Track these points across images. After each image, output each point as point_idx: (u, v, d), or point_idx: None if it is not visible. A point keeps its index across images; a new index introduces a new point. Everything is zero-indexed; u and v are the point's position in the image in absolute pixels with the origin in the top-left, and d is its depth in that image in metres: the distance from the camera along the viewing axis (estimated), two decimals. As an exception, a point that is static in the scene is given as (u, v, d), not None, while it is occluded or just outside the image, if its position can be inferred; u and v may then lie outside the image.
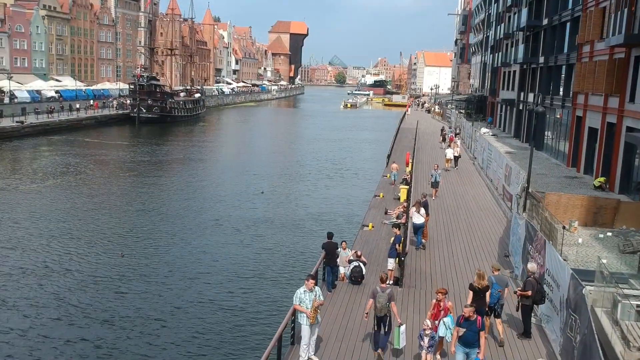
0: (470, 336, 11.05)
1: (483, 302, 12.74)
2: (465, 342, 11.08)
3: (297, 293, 12.08)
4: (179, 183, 42.48)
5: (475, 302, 12.41)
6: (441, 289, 12.50)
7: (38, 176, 42.20)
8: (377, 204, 27.95)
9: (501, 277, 13.67)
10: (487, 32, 76.74)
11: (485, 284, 12.85)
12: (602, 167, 32.23)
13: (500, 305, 13.24)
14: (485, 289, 12.81)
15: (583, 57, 36.28)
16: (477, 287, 12.71)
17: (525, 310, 13.04)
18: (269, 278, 22.78)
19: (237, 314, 19.21)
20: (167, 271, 23.08)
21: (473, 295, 12.77)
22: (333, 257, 15.87)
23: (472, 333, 11.04)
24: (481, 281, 12.75)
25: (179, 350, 16.56)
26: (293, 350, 12.42)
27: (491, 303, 13.04)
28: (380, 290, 12.29)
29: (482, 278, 12.79)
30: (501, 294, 13.19)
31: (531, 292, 12.81)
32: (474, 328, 11.04)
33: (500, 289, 13.19)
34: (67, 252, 24.90)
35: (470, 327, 11.04)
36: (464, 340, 11.07)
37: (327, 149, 65.32)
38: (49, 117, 69.97)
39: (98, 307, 19.21)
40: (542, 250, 14.61)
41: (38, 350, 16.13)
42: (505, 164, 27.00)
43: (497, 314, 13.23)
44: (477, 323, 11.07)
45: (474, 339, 11.07)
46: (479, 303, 12.48)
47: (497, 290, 13.11)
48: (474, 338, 11.07)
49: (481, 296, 12.74)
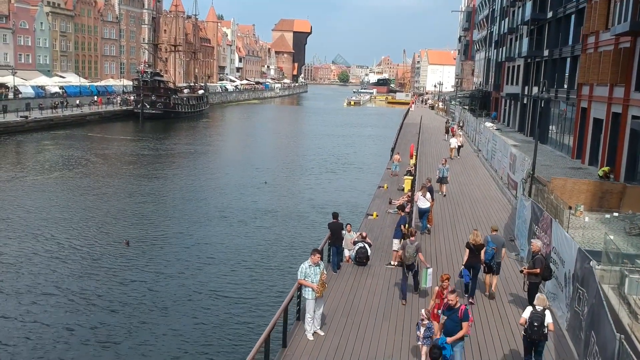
0: (451, 325, 10.23)
1: (478, 258, 14.04)
2: (446, 331, 10.31)
3: (301, 268, 11.98)
4: (183, 175, 42.52)
5: (471, 258, 13.93)
6: (445, 275, 11.73)
7: (43, 168, 42.29)
8: (381, 194, 27.96)
9: (497, 236, 14.68)
10: (491, 28, 76.60)
11: (480, 241, 14.06)
12: (607, 158, 32.14)
13: (497, 263, 14.23)
14: (480, 246, 14.02)
15: (588, 48, 36.16)
16: (472, 244, 13.97)
17: (533, 287, 12.86)
18: (272, 267, 22.69)
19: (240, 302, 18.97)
20: (172, 260, 23.01)
21: (469, 253, 14.01)
22: (338, 237, 15.86)
23: (452, 322, 10.23)
24: (476, 239, 14.04)
25: (181, 335, 16.40)
26: (299, 326, 12.41)
27: (486, 259, 14.14)
28: (410, 243, 14.17)
29: (477, 236, 14.10)
30: (496, 252, 14.18)
31: (540, 270, 12.63)
32: (455, 317, 10.21)
33: (494, 246, 14.21)
34: (72, 241, 24.94)
35: (452, 316, 10.26)
36: (444, 330, 10.37)
37: (331, 144, 65.30)
38: (53, 112, 70.08)
39: (101, 294, 19.11)
40: (548, 229, 14.57)
41: (39, 336, 16.03)
42: (510, 153, 26.95)
43: (492, 271, 14.26)
44: (459, 312, 10.20)
45: (455, 329, 10.17)
46: (474, 259, 13.95)
47: (492, 247, 14.17)
48: (455, 328, 10.17)
49: (476, 253, 14.02)
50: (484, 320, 13.04)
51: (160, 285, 20.19)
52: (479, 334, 12.29)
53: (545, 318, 10.21)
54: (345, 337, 12.01)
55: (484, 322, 12.93)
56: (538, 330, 10.13)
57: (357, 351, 11.44)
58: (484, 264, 14.17)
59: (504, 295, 14.57)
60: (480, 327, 12.60)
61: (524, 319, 10.39)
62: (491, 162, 34.18)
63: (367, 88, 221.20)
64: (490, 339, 12.14)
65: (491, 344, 11.90)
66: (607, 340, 8.37)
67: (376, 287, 14.90)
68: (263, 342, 9.83)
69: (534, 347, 10.41)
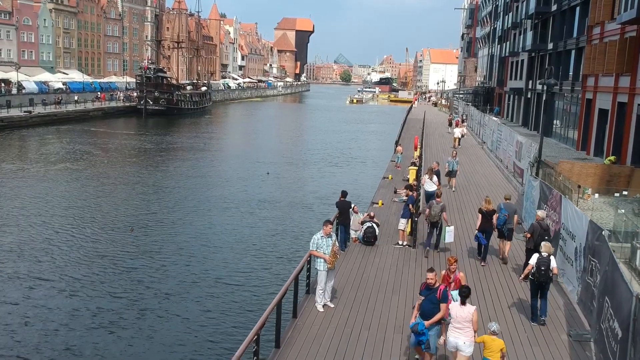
0: (428, 307, 9.41)
1: (490, 223, 15.01)
2: (422, 312, 9.48)
3: (313, 239, 11.91)
4: (187, 167, 42.51)
5: (483, 223, 14.92)
6: (453, 257, 11.11)
7: (47, 160, 42.32)
8: (386, 184, 27.96)
9: (509, 204, 15.70)
10: (495, 24, 76.53)
11: (492, 207, 15.09)
12: (612, 148, 32.07)
13: (508, 229, 15.03)
14: (492, 212, 15.00)
15: (593, 39, 36.08)
16: (485, 210, 14.99)
17: (528, 252, 13.44)
18: (276, 254, 22.54)
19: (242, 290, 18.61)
20: (176, 247, 22.86)
21: (481, 218, 15.00)
22: (347, 215, 15.80)
23: (429, 304, 9.41)
24: (488, 205, 15.04)
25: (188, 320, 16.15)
26: (309, 298, 12.37)
27: (498, 225, 15.06)
28: (436, 203, 15.64)
29: (489, 203, 15.16)
30: (508, 218, 15.01)
31: (531, 235, 13.23)
32: (433, 298, 9.40)
33: (507, 213, 15.09)
34: (76, 229, 24.91)
35: (429, 297, 9.44)
36: (421, 311, 9.50)
37: (335, 139, 65.25)
38: (57, 107, 70.17)
39: (105, 280, 18.90)
40: (557, 207, 14.52)
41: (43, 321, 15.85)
42: (516, 140, 26.89)
43: (505, 236, 15.15)
44: (438, 293, 9.40)
45: (432, 311, 9.39)
46: (486, 224, 14.94)
47: (504, 214, 15.07)
48: (432, 310, 9.38)
49: (488, 218, 14.93)
50: (496, 281, 14.10)
51: (164, 271, 20.03)
52: (492, 292, 13.36)
53: (550, 263, 11.23)
54: (355, 310, 11.98)
55: (496, 282, 13.99)
56: (545, 273, 11.18)
57: (368, 322, 11.40)
58: (497, 229, 15.12)
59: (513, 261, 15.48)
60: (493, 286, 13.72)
61: (531, 265, 11.42)
62: (496, 153, 34.13)
63: (370, 87, 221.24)
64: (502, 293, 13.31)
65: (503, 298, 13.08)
66: (623, 300, 8.32)
67: (384, 265, 14.87)
68: (274, 308, 9.78)
69: (540, 289, 11.42)
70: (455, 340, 9.07)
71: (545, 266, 11.16)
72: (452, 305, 9.24)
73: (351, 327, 11.19)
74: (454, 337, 9.09)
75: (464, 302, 9.12)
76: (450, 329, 9.20)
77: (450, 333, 9.18)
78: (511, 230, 15.03)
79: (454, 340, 9.07)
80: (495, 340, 8.75)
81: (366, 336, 10.80)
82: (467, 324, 8.97)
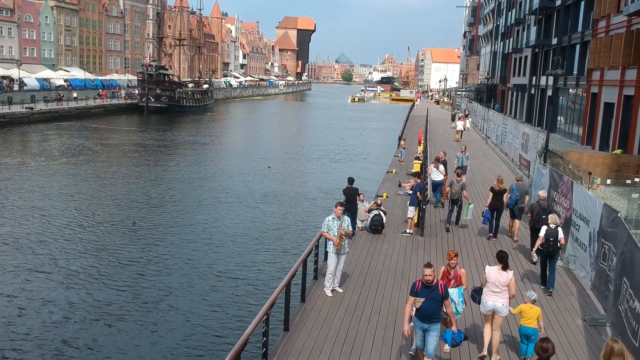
0: (430, 307, 8.39)
1: (500, 202, 15.58)
2: (423, 315, 8.44)
3: (325, 220, 11.75)
4: (189, 163, 42.30)
5: (494, 201, 15.50)
6: (453, 252, 9.96)
7: (49, 155, 42.10)
8: (390, 178, 27.72)
9: (521, 184, 16.38)
10: (498, 21, 76.29)
11: (504, 187, 15.64)
12: (618, 141, 31.84)
13: (519, 208, 15.57)
14: (503, 190, 15.56)
15: (599, 32, 35.87)
16: (496, 189, 15.57)
17: (530, 233, 14.18)
18: (279, 247, 22.27)
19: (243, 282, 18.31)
20: (177, 240, 22.58)
21: (492, 196, 15.56)
22: (353, 203, 15.56)
23: (432, 303, 8.39)
24: (500, 185, 15.63)
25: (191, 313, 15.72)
26: (317, 284, 12.14)
27: (510, 204, 15.55)
28: (456, 182, 16.80)
29: (501, 182, 15.78)
30: (519, 198, 15.50)
31: (531, 214, 13.84)
32: (435, 296, 8.37)
33: (518, 193, 15.59)
34: (77, 222, 24.69)
35: (431, 295, 8.37)
36: (422, 313, 8.45)
37: (337, 136, 64.99)
38: (58, 104, 69.96)
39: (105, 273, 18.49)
40: (568, 193, 14.28)
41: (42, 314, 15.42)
42: (522, 132, 26.64)
43: (515, 215, 15.76)
44: (439, 289, 8.42)
45: (435, 311, 8.46)
46: (497, 202, 15.53)
47: (516, 194, 15.53)
48: (435, 310, 8.45)
49: (499, 197, 15.49)
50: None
51: (167, 265, 19.57)
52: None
53: (558, 234, 11.91)
54: (364, 294, 11.75)
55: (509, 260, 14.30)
56: (554, 243, 11.85)
57: (378, 306, 11.17)
58: (508, 208, 15.71)
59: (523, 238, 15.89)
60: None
61: (541, 238, 12.04)
62: (501, 147, 33.90)
63: (372, 86, 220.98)
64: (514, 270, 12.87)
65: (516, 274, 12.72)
66: (644, 278, 8.09)
67: (392, 251, 14.64)
68: (283, 288, 9.55)
69: (549, 259, 12.08)
70: (493, 303, 9.29)
71: (554, 237, 11.80)
72: (492, 270, 9.41)
73: (361, 310, 10.95)
74: (492, 301, 9.29)
75: (505, 267, 9.34)
76: (487, 294, 9.39)
77: (488, 297, 9.36)
78: (522, 210, 15.64)
79: (492, 304, 9.29)
80: (533, 307, 9.22)
81: (376, 319, 10.57)
82: (505, 288, 9.27)
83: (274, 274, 18.61)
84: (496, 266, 9.40)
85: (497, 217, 15.88)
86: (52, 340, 13.87)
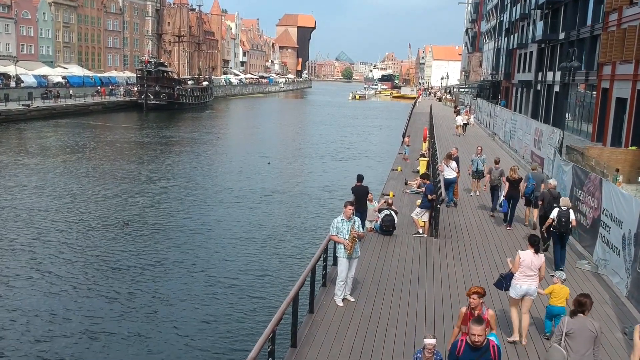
0: None
1: (517, 190, 15.82)
2: None
3: (333, 222, 10.62)
4: (187, 161, 41.32)
5: (510, 190, 15.78)
6: (476, 289, 7.64)
7: (45, 152, 41.06)
8: (396, 176, 26.73)
9: (536, 173, 16.54)
10: (501, 16, 75.13)
11: (519, 176, 15.87)
12: (631, 137, 30.77)
13: (535, 197, 15.48)
14: (519, 179, 15.77)
15: (610, 26, 34.77)
16: (512, 179, 15.84)
17: (540, 220, 14.25)
18: (283, 247, 21.28)
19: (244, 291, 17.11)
20: (173, 241, 21.51)
21: (509, 185, 15.84)
22: (363, 202, 14.49)
23: None
24: (514, 174, 15.85)
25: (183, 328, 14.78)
26: (326, 291, 11.09)
27: (526, 193, 15.77)
28: (495, 169, 17.39)
29: (515, 172, 15.99)
30: (535, 187, 15.53)
31: (542, 202, 14.01)
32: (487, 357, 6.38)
33: (534, 182, 15.68)
34: (70, 222, 23.64)
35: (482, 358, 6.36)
36: None
37: (339, 133, 64.00)
38: (55, 101, 68.91)
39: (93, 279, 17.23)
40: (596, 192, 13.22)
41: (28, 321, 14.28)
42: (534, 128, 25.58)
43: (532, 204, 15.96)
44: (493, 354, 6.38)
45: None
46: (513, 191, 15.81)
47: (532, 183, 15.67)
48: None
49: (515, 186, 15.74)
50: (523, 243, 13.91)
51: (162, 270, 18.37)
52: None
53: (570, 215, 12.33)
54: (378, 303, 10.69)
55: (522, 244, 13.70)
56: (565, 224, 12.29)
57: (394, 318, 10.11)
58: (524, 197, 15.95)
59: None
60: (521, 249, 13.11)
61: (551, 219, 12.52)
62: (510, 144, 32.85)
63: (374, 83, 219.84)
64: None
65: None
66: None
67: (406, 255, 13.58)
68: (290, 302, 8.48)
69: (561, 240, 12.50)
70: (528, 287, 9.31)
71: (566, 218, 12.27)
72: (526, 253, 9.35)
73: (376, 322, 9.89)
74: (527, 285, 9.29)
75: (537, 250, 9.39)
76: (520, 278, 9.30)
77: (522, 281, 9.29)
78: (537, 198, 15.41)
79: (527, 287, 9.30)
80: (563, 287, 9.48)
81: (394, 332, 9.52)
82: (537, 271, 9.35)
83: (275, 281, 17.51)
84: (529, 250, 9.41)
85: (512, 206, 16.16)
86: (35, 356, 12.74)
